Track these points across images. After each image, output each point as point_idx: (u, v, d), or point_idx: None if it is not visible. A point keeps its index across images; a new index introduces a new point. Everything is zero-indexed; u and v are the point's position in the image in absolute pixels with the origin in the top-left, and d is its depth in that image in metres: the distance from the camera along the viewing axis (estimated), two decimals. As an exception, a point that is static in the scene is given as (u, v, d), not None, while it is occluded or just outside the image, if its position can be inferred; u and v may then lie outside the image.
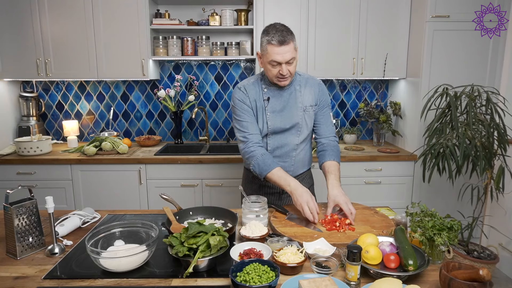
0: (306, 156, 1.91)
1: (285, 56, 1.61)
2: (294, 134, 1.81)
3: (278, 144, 1.82)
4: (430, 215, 1.32)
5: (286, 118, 1.78)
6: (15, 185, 2.90)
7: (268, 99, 1.77)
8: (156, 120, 3.43)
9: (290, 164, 1.86)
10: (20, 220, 1.34)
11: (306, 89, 1.81)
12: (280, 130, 1.79)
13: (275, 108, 1.77)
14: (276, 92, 1.78)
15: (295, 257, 1.22)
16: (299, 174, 1.91)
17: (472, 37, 2.76)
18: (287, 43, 1.60)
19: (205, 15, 3.18)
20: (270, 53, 1.62)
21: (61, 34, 2.90)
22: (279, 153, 1.83)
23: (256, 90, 1.79)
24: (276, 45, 1.60)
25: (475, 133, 1.89)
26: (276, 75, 1.67)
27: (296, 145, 1.83)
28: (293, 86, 1.80)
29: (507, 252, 2.61)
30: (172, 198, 1.69)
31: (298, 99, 1.79)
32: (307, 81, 1.83)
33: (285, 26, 1.66)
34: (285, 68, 1.63)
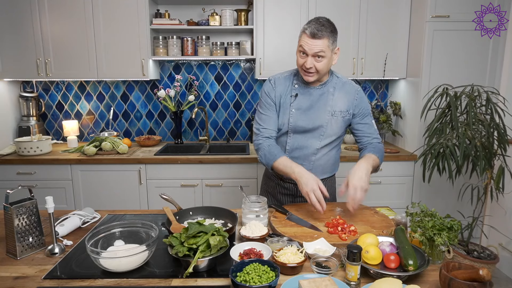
0: (328, 163, 1.81)
1: (312, 48, 1.56)
2: (316, 138, 1.74)
3: (298, 145, 1.75)
4: (430, 215, 1.32)
5: (311, 118, 1.71)
6: (15, 185, 2.90)
7: (296, 95, 1.72)
8: (156, 120, 3.43)
9: (308, 168, 1.72)
10: (20, 220, 1.34)
11: (340, 93, 1.73)
12: (302, 130, 1.73)
13: (301, 105, 1.71)
14: (306, 90, 1.72)
15: (295, 257, 1.22)
16: None
17: (472, 37, 2.76)
18: (319, 38, 1.55)
19: (205, 15, 3.18)
20: (300, 40, 1.61)
21: (61, 34, 2.90)
22: (297, 155, 1.76)
23: (287, 84, 1.75)
24: (307, 35, 1.57)
25: (475, 133, 1.89)
26: (302, 66, 1.63)
27: (317, 149, 1.75)
28: (326, 87, 1.73)
29: (507, 252, 2.61)
30: (172, 198, 1.68)
31: (329, 102, 1.71)
32: (344, 85, 1.75)
33: (331, 23, 1.61)
34: (309, 61, 1.58)
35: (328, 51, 1.59)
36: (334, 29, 1.61)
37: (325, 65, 1.61)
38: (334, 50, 1.64)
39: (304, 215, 1.64)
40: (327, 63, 1.62)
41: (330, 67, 1.71)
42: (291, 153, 1.77)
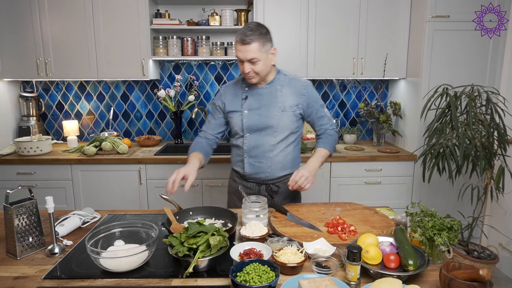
0: (286, 159, 1.86)
1: (245, 55, 1.66)
2: (270, 135, 1.80)
3: (254, 144, 1.82)
4: (430, 215, 1.32)
5: (262, 116, 1.79)
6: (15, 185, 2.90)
7: (246, 98, 1.82)
8: (156, 120, 3.43)
9: (267, 165, 1.83)
10: (20, 220, 1.34)
11: (288, 89, 1.81)
12: (256, 129, 1.81)
13: (252, 106, 1.80)
14: (255, 91, 1.81)
15: (295, 257, 1.22)
16: (280, 176, 1.87)
17: (472, 37, 2.76)
18: (248, 43, 1.64)
19: (205, 15, 3.18)
20: (235, 49, 1.71)
21: (61, 34, 2.90)
22: (255, 153, 1.83)
23: (236, 89, 1.86)
24: (239, 43, 1.67)
25: (475, 133, 1.89)
26: (242, 71, 1.73)
27: (272, 145, 1.81)
28: (274, 86, 1.81)
29: (507, 252, 2.61)
30: (172, 198, 1.69)
31: (278, 99, 1.79)
32: (291, 82, 1.83)
33: (260, 26, 1.69)
34: (246, 66, 1.68)
35: (261, 54, 1.68)
36: (264, 31, 1.69)
37: (262, 67, 1.71)
38: (269, 51, 1.72)
39: (304, 215, 1.64)
40: (264, 64, 1.71)
41: (274, 66, 1.82)
42: (249, 152, 1.85)
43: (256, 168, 1.85)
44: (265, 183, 1.88)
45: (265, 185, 1.88)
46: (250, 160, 1.84)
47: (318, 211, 1.70)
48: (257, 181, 1.88)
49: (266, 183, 1.88)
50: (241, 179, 1.93)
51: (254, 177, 1.88)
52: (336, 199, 2.90)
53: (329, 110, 3.45)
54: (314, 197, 2.88)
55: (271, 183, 1.88)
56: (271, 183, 1.88)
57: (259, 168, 1.84)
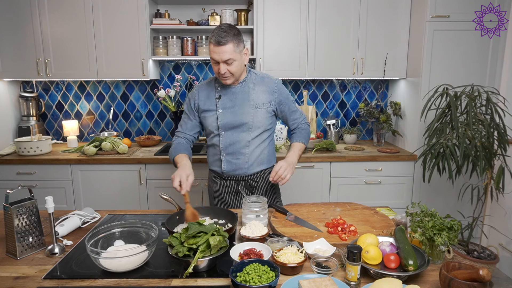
0: (262, 154, 1.91)
1: (221, 56, 1.68)
2: (245, 131, 1.84)
3: (230, 141, 1.85)
4: (430, 215, 1.32)
5: (237, 114, 1.82)
6: (15, 185, 2.89)
7: (220, 97, 1.84)
8: (156, 120, 3.43)
9: (244, 161, 1.87)
10: (20, 220, 1.34)
11: (260, 87, 1.85)
12: (231, 127, 1.83)
13: (226, 105, 1.83)
14: (228, 90, 1.84)
15: (295, 257, 1.22)
16: (257, 171, 1.92)
17: (472, 37, 2.76)
18: (224, 44, 1.66)
19: (205, 15, 3.18)
20: (209, 51, 1.72)
21: (61, 34, 2.90)
22: (232, 150, 1.86)
23: (209, 89, 1.89)
24: (213, 44, 1.68)
25: (475, 133, 1.89)
26: (217, 72, 1.75)
27: (248, 141, 1.85)
28: (246, 84, 1.85)
29: (507, 252, 2.61)
30: (172, 198, 1.69)
31: (251, 97, 1.83)
32: (263, 80, 1.87)
33: (232, 27, 1.72)
34: (222, 67, 1.70)
35: (236, 54, 1.71)
36: (237, 32, 1.72)
37: (237, 67, 1.74)
38: (243, 52, 1.76)
39: (304, 215, 1.64)
40: (238, 65, 1.74)
41: (245, 65, 1.84)
42: (225, 150, 1.87)
43: (234, 165, 1.87)
44: (244, 179, 1.91)
45: (244, 181, 1.91)
46: (227, 157, 1.87)
47: (318, 211, 1.70)
48: (236, 178, 1.91)
49: (244, 179, 1.91)
50: (219, 178, 1.95)
51: (232, 175, 1.90)
52: (336, 199, 2.90)
53: (329, 110, 3.45)
54: (314, 197, 2.89)
55: (249, 179, 1.91)
56: (249, 179, 1.91)
57: (237, 165, 1.87)
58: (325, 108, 3.44)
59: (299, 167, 2.83)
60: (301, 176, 2.86)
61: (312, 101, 3.42)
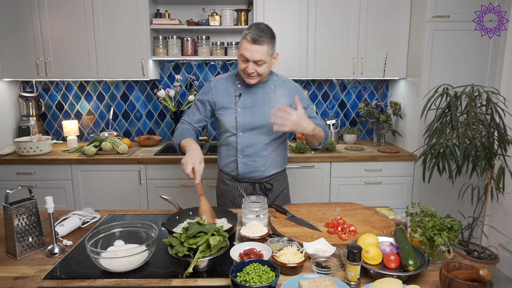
0: (278, 157, 1.89)
1: (253, 55, 1.62)
2: (264, 134, 1.80)
3: (248, 142, 1.80)
4: (430, 215, 1.32)
5: (257, 115, 1.77)
6: (15, 185, 2.89)
7: (240, 95, 1.79)
8: (156, 120, 3.43)
9: (261, 164, 1.84)
10: (20, 220, 1.34)
11: (281, 90, 1.81)
12: (250, 128, 1.79)
13: (246, 104, 1.78)
14: (249, 89, 1.79)
15: (295, 257, 1.22)
16: (271, 174, 1.90)
17: (472, 37, 2.76)
18: (260, 44, 1.61)
19: (205, 15, 3.18)
20: (241, 47, 1.66)
21: (61, 34, 2.90)
22: (249, 152, 1.81)
23: (229, 84, 1.82)
24: (248, 42, 1.62)
25: (475, 133, 1.89)
26: (243, 70, 1.69)
27: (266, 144, 1.82)
28: (268, 86, 1.81)
29: (507, 252, 2.61)
30: (172, 198, 1.68)
31: (272, 98, 1.79)
32: (284, 83, 1.84)
33: (269, 29, 1.67)
34: (251, 67, 1.65)
35: (268, 57, 1.66)
36: (273, 35, 1.68)
37: (265, 69, 1.69)
38: (273, 55, 1.72)
39: (304, 215, 1.64)
40: (267, 67, 1.70)
41: None
42: (242, 151, 1.82)
43: (250, 167, 1.84)
44: (258, 181, 1.88)
45: (259, 183, 1.88)
46: (244, 159, 1.82)
47: (318, 211, 1.70)
48: (250, 180, 1.88)
49: (259, 181, 1.88)
50: (233, 180, 1.91)
51: (248, 177, 1.87)
52: (336, 199, 2.90)
53: (329, 110, 3.45)
54: (314, 197, 2.89)
55: (264, 182, 1.89)
56: (264, 182, 1.89)
57: (253, 167, 1.84)
58: (325, 108, 3.44)
59: (299, 167, 2.83)
60: (301, 176, 2.86)
61: (312, 101, 3.42)
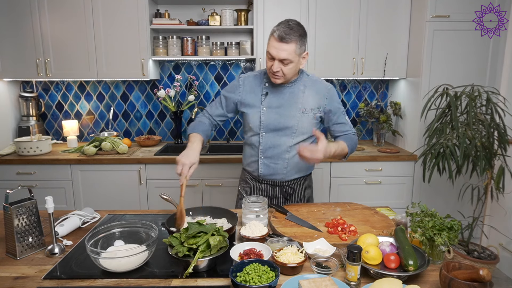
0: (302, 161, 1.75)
1: (280, 53, 1.56)
2: (288, 135, 1.74)
3: (270, 143, 1.75)
4: (430, 215, 1.32)
5: (282, 116, 1.72)
6: (15, 185, 2.89)
7: (266, 94, 1.73)
8: (156, 120, 3.43)
9: (283, 167, 1.77)
10: (20, 220, 1.34)
11: (311, 91, 1.74)
12: (274, 128, 1.73)
13: (272, 104, 1.73)
14: (276, 89, 1.73)
15: (295, 257, 1.22)
16: (294, 179, 1.84)
17: (472, 37, 2.76)
18: (286, 42, 1.54)
19: (205, 15, 3.18)
20: (269, 44, 1.61)
21: (61, 34, 2.90)
22: (271, 154, 1.76)
23: (256, 82, 1.77)
24: (275, 39, 1.56)
25: (475, 133, 1.89)
26: (269, 68, 1.64)
27: (290, 147, 1.75)
28: (297, 86, 1.74)
29: (507, 252, 2.61)
30: (172, 198, 1.68)
31: (299, 100, 1.72)
32: (314, 84, 1.76)
33: (300, 26, 1.60)
34: (276, 65, 1.59)
35: (295, 56, 1.59)
36: (303, 33, 1.60)
37: (291, 69, 1.62)
38: (302, 55, 1.64)
39: (304, 215, 1.64)
40: (294, 67, 1.63)
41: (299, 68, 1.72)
42: (264, 152, 1.77)
43: (272, 169, 1.78)
44: (280, 185, 1.83)
45: (280, 187, 1.83)
46: (265, 160, 1.77)
47: (318, 211, 1.70)
48: (272, 182, 1.82)
49: (280, 185, 1.83)
50: (255, 180, 1.86)
51: (269, 179, 1.81)
52: (336, 199, 2.90)
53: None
54: (314, 197, 2.87)
55: (286, 185, 1.83)
56: (286, 185, 1.83)
57: (275, 169, 1.77)
58: (325, 108, 3.44)
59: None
60: (301, 176, 2.86)
61: (312, 101, 3.42)
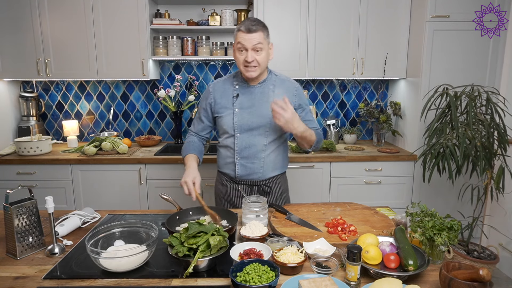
0: (278, 159, 1.86)
1: (252, 41, 1.64)
2: (262, 134, 1.78)
3: (246, 144, 1.78)
4: (430, 215, 1.32)
5: (254, 115, 1.76)
6: (15, 185, 2.90)
7: (237, 96, 1.78)
8: (156, 120, 3.43)
9: (259, 165, 1.81)
10: (20, 220, 1.34)
11: (280, 89, 1.79)
12: (247, 128, 1.77)
13: (243, 104, 1.77)
14: (247, 89, 1.78)
15: (295, 257, 1.22)
16: (271, 177, 1.87)
17: (472, 37, 2.76)
18: (255, 31, 1.64)
19: (205, 15, 3.18)
20: (237, 38, 1.67)
21: (61, 34, 2.90)
22: (247, 154, 1.80)
23: (226, 86, 1.82)
24: (243, 31, 1.65)
25: (475, 133, 1.89)
26: (243, 62, 1.68)
27: (264, 145, 1.79)
28: (266, 85, 1.79)
29: (507, 252, 2.61)
30: (172, 198, 1.69)
31: (270, 98, 1.75)
32: (283, 83, 1.82)
33: (260, 21, 1.70)
34: (250, 54, 1.65)
35: (265, 43, 1.68)
36: (265, 25, 1.71)
37: (264, 58, 1.70)
38: (269, 45, 1.73)
39: (304, 215, 1.64)
40: (265, 56, 1.70)
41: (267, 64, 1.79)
42: (240, 153, 1.80)
43: (248, 169, 1.81)
44: (257, 184, 1.86)
45: (257, 186, 1.86)
46: (242, 161, 1.81)
47: (318, 211, 1.70)
48: (249, 183, 1.85)
49: (257, 184, 1.86)
50: (231, 182, 1.89)
51: (246, 179, 1.85)
52: (336, 199, 2.90)
53: (329, 110, 3.45)
54: (314, 197, 2.89)
55: (263, 184, 1.86)
56: (263, 184, 1.86)
57: (251, 169, 1.81)
58: (325, 108, 3.44)
59: (298, 167, 2.83)
60: (301, 176, 2.86)
61: (312, 101, 3.42)
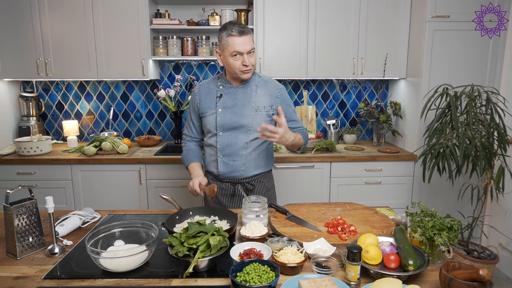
0: (260, 157, 1.89)
1: (247, 45, 1.68)
2: (244, 133, 1.82)
3: (227, 142, 1.83)
4: (430, 215, 1.32)
5: (236, 115, 1.80)
6: (15, 185, 2.90)
7: (221, 96, 1.83)
8: (156, 120, 3.43)
9: (241, 163, 1.85)
10: (20, 220, 1.34)
11: (262, 90, 1.83)
12: (230, 127, 1.81)
13: (226, 104, 1.82)
14: (230, 90, 1.83)
15: (295, 257, 1.22)
16: (254, 175, 1.90)
17: (472, 37, 2.76)
18: (246, 34, 1.69)
19: (205, 15, 3.18)
20: (231, 44, 1.69)
21: (61, 34, 2.90)
22: (229, 152, 1.84)
23: (210, 87, 1.88)
24: (236, 36, 1.67)
25: (475, 133, 1.89)
26: (239, 67, 1.72)
27: (246, 143, 1.83)
28: (249, 86, 1.83)
29: (507, 252, 2.61)
30: (172, 198, 1.69)
31: (252, 99, 1.81)
32: (266, 84, 1.86)
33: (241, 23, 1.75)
34: (247, 58, 1.70)
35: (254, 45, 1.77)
36: None
37: (255, 58, 1.79)
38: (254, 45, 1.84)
39: (304, 215, 1.64)
40: (255, 56, 1.78)
41: None
42: (222, 151, 1.85)
43: (230, 167, 1.85)
44: (240, 182, 1.89)
45: (240, 184, 1.89)
46: (224, 159, 1.85)
47: (318, 211, 1.70)
48: (232, 180, 1.89)
49: (241, 182, 1.89)
50: (216, 180, 1.93)
51: (229, 177, 1.88)
52: (336, 199, 2.90)
53: (329, 110, 3.45)
54: (314, 197, 2.89)
55: (246, 182, 1.89)
56: (246, 182, 1.89)
57: (233, 166, 1.85)
58: (325, 108, 3.44)
59: (299, 167, 2.83)
60: (301, 176, 2.86)
61: (312, 101, 3.42)
